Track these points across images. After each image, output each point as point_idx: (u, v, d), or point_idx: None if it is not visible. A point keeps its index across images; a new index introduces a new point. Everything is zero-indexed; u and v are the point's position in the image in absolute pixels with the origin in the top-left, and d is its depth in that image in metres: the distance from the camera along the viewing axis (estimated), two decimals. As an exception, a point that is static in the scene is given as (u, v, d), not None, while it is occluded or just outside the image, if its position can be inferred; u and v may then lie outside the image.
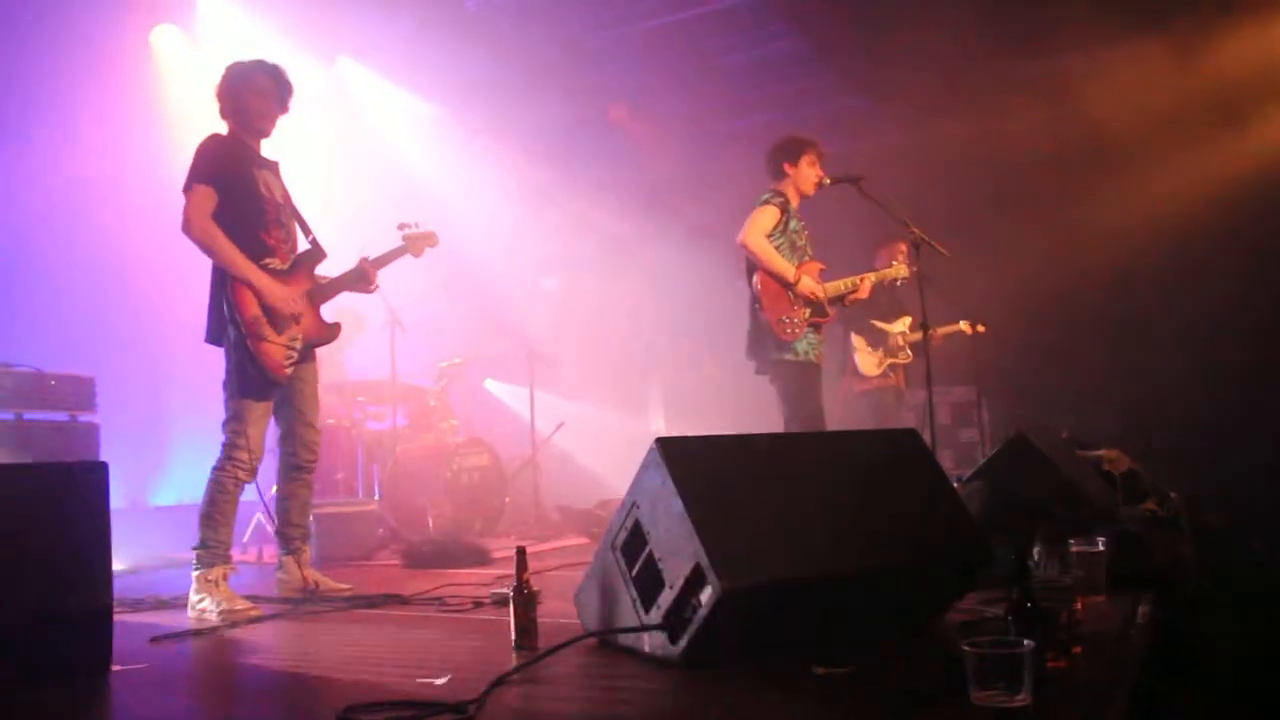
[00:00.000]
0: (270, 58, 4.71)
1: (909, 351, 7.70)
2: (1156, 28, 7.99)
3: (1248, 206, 7.77)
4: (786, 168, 5.91)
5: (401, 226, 5.13)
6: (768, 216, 5.76)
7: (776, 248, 5.75)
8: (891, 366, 7.74)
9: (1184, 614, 3.63)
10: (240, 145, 4.53)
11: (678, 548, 2.69)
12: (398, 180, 9.67)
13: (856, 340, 7.76)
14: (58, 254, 7.64)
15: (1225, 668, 3.54)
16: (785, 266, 5.70)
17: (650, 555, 2.81)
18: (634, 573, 2.87)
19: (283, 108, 4.62)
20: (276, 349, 4.36)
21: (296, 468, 4.66)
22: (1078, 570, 3.22)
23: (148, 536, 6.53)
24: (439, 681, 2.73)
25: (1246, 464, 7.38)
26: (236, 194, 4.39)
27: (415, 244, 5.10)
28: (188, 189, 4.31)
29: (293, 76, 4.66)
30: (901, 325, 7.73)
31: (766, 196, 5.85)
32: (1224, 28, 7.77)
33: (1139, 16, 7.80)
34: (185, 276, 5.56)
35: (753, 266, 5.79)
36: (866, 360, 7.71)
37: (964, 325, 7.79)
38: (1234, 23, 7.71)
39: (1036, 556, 3.39)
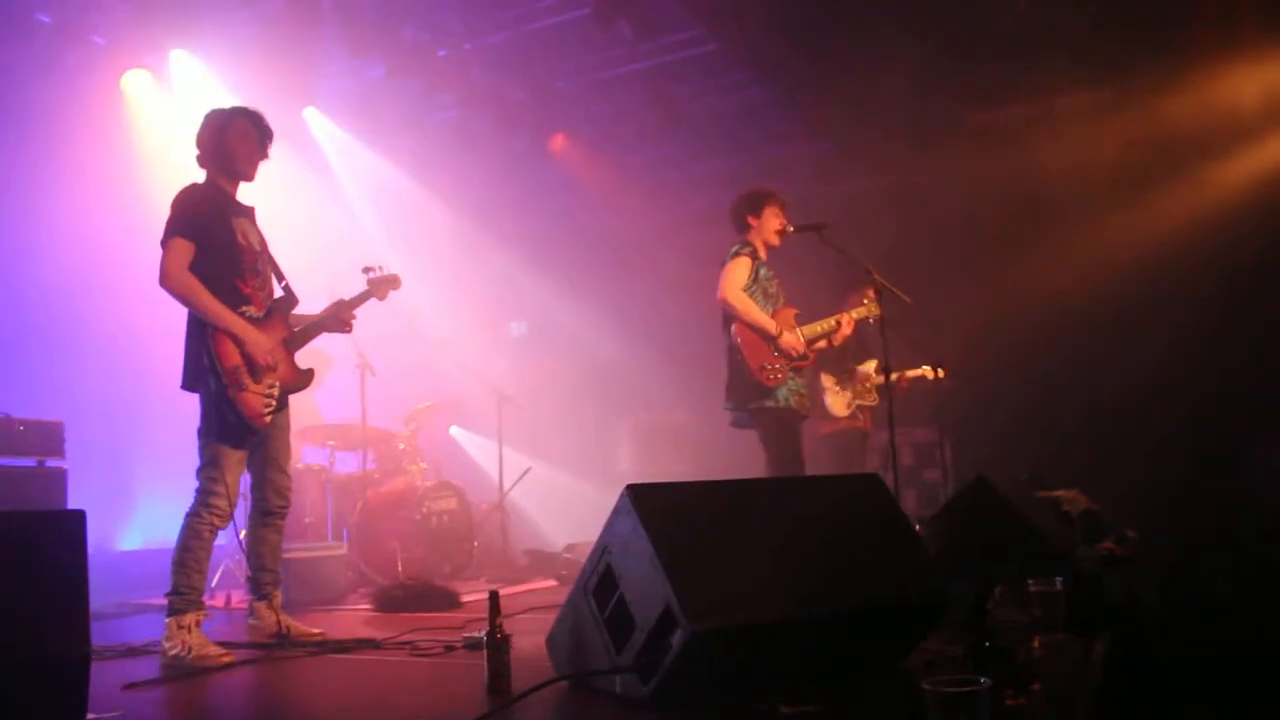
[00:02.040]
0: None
1: (875, 394, 7.82)
2: (1107, 80, 8.23)
3: (1200, 253, 7.96)
4: (750, 220, 6.00)
5: (366, 270, 5.22)
6: (741, 268, 5.83)
7: (750, 297, 5.84)
8: (859, 408, 7.85)
9: (1140, 651, 3.72)
10: (218, 193, 4.57)
11: (648, 591, 2.76)
12: (363, 225, 9.76)
13: (826, 381, 7.86)
14: (26, 298, 7.64)
15: (1181, 704, 3.62)
16: (766, 320, 5.77)
17: (621, 598, 2.87)
18: (606, 616, 2.94)
19: (263, 153, 4.69)
20: (256, 398, 4.39)
21: (268, 513, 4.69)
22: (1036, 609, 3.30)
23: (114, 582, 6.51)
24: (414, 725, 2.78)
25: (1205, 502, 7.52)
26: (214, 243, 4.43)
27: (380, 287, 5.20)
28: (165, 241, 4.34)
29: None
30: (868, 368, 7.85)
31: (736, 248, 5.93)
32: (1172, 81, 7.99)
33: (1091, 69, 8.04)
34: (153, 322, 5.60)
35: (729, 317, 5.87)
36: (836, 401, 7.80)
37: (926, 370, 7.91)
38: (1181, 76, 7.93)
39: (996, 596, 3.48)
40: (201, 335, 4.33)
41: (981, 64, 8.09)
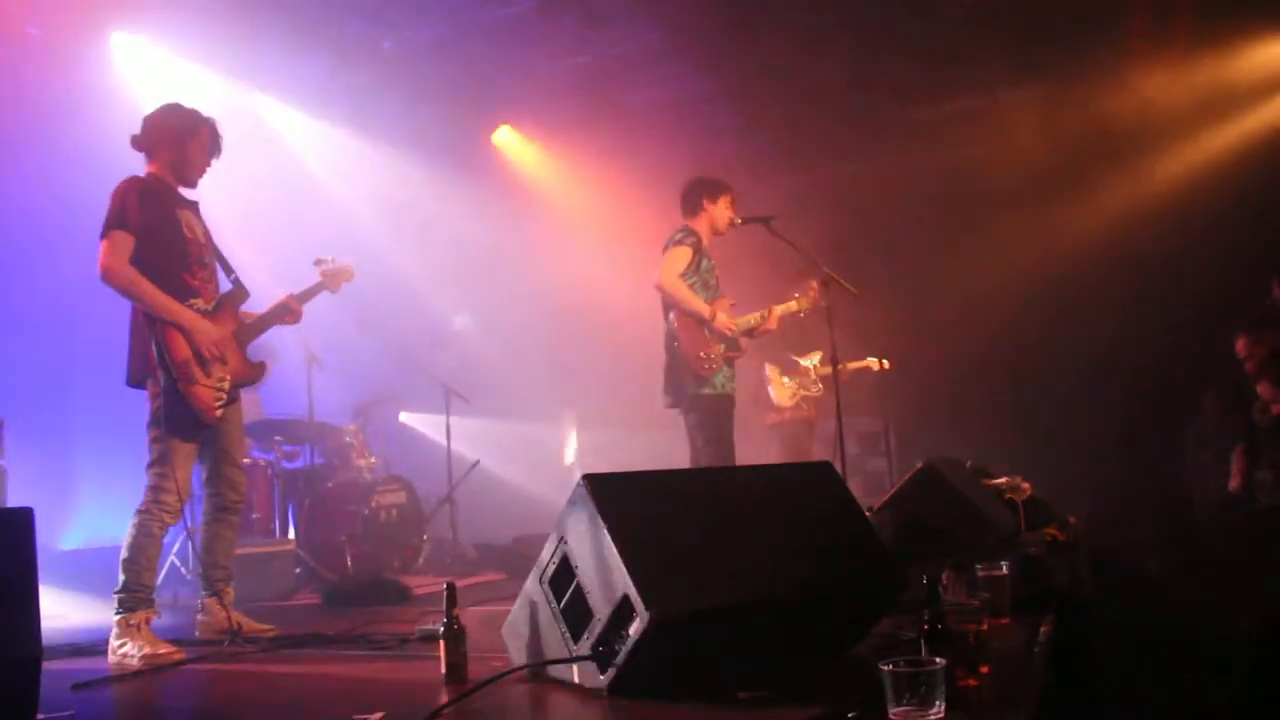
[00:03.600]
0: (183, 93, 4.75)
1: (820, 385, 7.90)
2: (1045, 75, 8.38)
3: (1135, 243, 8.14)
4: (705, 204, 6.05)
5: (318, 262, 5.16)
6: (681, 257, 5.88)
7: (690, 286, 5.89)
8: (804, 399, 7.92)
9: (1082, 633, 3.82)
10: (162, 186, 4.50)
11: (605, 580, 2.78)
12: (311, 216, 9.66)
13: (771, 372, 7.93)
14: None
15: (1120, 683, 3.73)
16: (701, 305, 5.84)
17: (579, 588, 2.89)
18: (562, 605, 2.95)
19: (210, 164, 4.66)
20: (206, 391, 4.35)
21: (223, 508, 4.64)
22: (984, 593, 3.37)
23: (57, 582, 6.41)
24: (372, 717, 2.77)
25: (1139, 490, 7.71)
26: (160, 236, 4.37)
27: (332, 279, 5.14)
28: (104, 235, 4.27)
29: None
30: (813, 359, 7.93)
31: (680, 236, 5.97)
32: (1108, 77, 8.16)
33: (1029, 64, 8.18)
34: (93, 317, 5.50)
35: (669, 305, 5.92)
36: (780, 391, 7.87)
37: (871, 362, 8.00)
38: (1118, 72, 8.09)
39: (944, 581, 3.55)
40: (149, 329, 4.27)
41: (921, 58, 8.20)
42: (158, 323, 4.27)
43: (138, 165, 4.57)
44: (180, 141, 4.52)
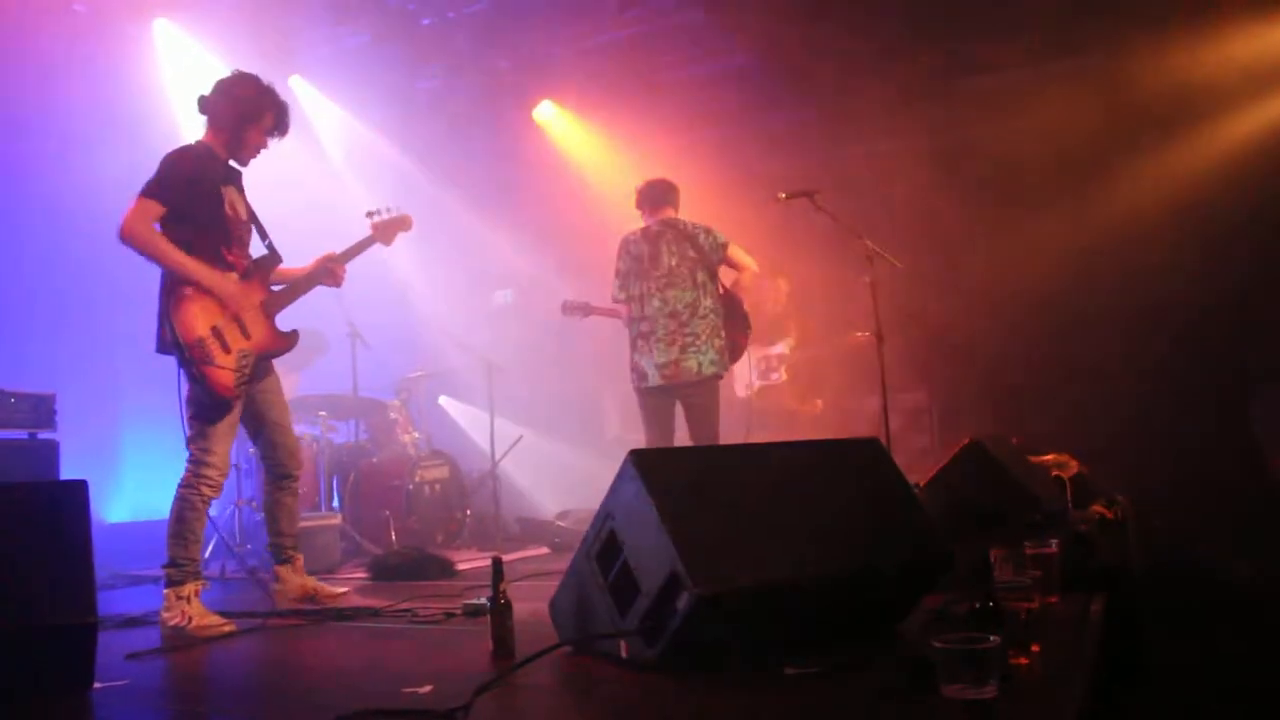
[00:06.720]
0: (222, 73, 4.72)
1: (784, 372, 7.90)
2: (1094, 46, 8.22)
3: (1184, 214, 7.98)
4: (671, 208, 6.52)
5: (370, 214, 5.02)
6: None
7: None
8: (764, 388, 7.92)
9: (1132, 611, 3.78)
10: (211, 158, 4.49)
11: (653, 556, 2.77)
12: (349, 196, 9.70)
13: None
14: (11, 270, 7.59)
15: (1170, 661, 3.70)
16: None
17: (626, 564, 2.89)
18: (610, 581, 2.95)
19: (267, 146, 4.65)
20: (224, 373, 4.28)
21: (283, 477, 4.68)
22: (1033, 571, 3.35)
23: (105, 554, 6.49)
24: (422, 690, 2.79)
25: (1189, 468, 7.59)
26: (202, 210, 4.36)
27: (385, 231, 4.99)
28: (139, 195, 4.22)
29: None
30: (779, 346, 7.92)
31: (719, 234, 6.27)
32: (1157, 47, 7.99)
33: (1077, 35, 8.04)
34: (138, 289, 5.56)
35: (712, 289, 6.09)
36: (736, 381, 7.93)
37: (860, 335, 7.94)
38: (1166, 44, 7.92)
39: (992, 559, 3.52)
40: (169, 302, 4.22)
41: (968, 29, 8.08)
42: (171, 300, 4.20)
43: (178, 142, 4.56)
44: (240, 123, 4.48)
